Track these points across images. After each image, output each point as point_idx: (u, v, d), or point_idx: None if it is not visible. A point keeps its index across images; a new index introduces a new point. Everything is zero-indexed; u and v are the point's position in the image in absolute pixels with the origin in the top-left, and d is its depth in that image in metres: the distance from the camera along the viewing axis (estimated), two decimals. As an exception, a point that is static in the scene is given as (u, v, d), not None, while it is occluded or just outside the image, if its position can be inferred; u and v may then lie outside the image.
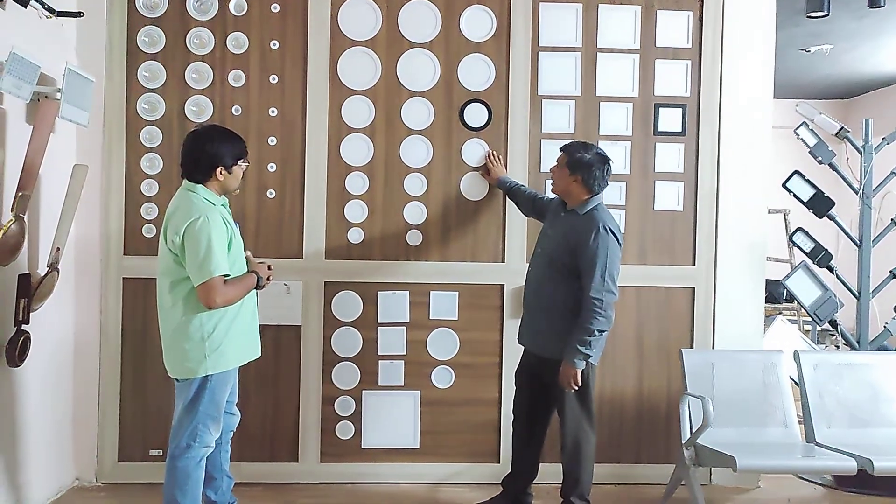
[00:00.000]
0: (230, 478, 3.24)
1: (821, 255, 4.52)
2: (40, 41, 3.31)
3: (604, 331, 3.16)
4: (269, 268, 3.07)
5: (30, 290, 3.19)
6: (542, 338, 3.33)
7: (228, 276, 2.84)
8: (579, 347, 3.13)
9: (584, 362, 3.16)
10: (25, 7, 3.07)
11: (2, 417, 3.18)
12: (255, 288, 2.98)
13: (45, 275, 3.30)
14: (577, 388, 3.18)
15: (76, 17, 3.53)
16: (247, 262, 3.03)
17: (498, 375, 3.96)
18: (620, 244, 3.23)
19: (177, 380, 2.95)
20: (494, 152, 3.91)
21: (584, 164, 3.23)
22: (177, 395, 2.97)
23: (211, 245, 2.76)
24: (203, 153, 2.88)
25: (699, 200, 4.02)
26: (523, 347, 3.50)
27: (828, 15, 4.04)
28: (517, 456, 3.53)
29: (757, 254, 4.08)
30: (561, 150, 3.36)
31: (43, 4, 3.27)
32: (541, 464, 3.54)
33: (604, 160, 3.26)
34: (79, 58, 3.70)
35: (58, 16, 3.38)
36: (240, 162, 2.97)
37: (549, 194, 3.66)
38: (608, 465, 3.97)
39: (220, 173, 2.90)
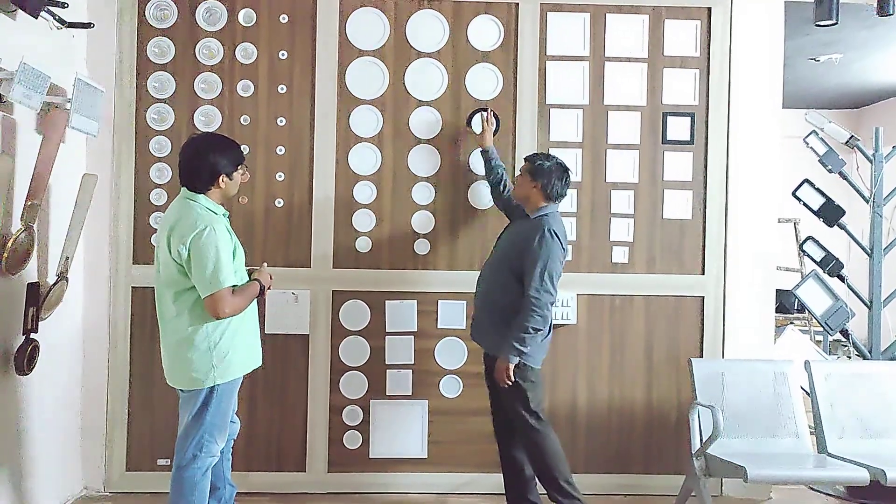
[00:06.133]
0: (233, 486, 3.22)
1: (831, 265, 4.49)
2: (51, 52, 3.34)
3: (539, 329, 3.22)
4: (269, 277, 3.06)
5: (39, 299, 3.21)
6: (489, 337, 3.41)
7: (236, 286, 2.84)
8: (514, 343, 3.21)
9: (518, 358, 3.22)
10: (36, 18, 3.09)
11: (10, 426, 3.19)
12: (257, 296, 2.98)
13: (54, 284, 3.31)
14: (509, 383, 3.23)
15: (86, 28, 3.56)
16: (256, 272, 3.02)
17: (506, 385, 3.94)
18: (565, 249, 3.31)
19: (181, 390, 2.94)
20: (491, 113, 3.87)
21: (544, 171, 3.34)
22: (181, 405, 2.95)
23: (219, 256, 2.75)
24: (204, 164, 2.86)
25: (708, 209, 4.00)
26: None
27: (837, 24, 4.01)
28: (502, 459, 3.51)
29: (767, 262, 4.05)
30: (525, 159, 3.46)
31: (53, 16, 3.29)
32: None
33: (563, 169, 3.39)
34: (89, 68, 3.73)
35: (68, 27, 3.41)
36: (239, 168, 2.96)
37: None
38: (617, 476, 3.95)
39: (222, 181, 2.90)
